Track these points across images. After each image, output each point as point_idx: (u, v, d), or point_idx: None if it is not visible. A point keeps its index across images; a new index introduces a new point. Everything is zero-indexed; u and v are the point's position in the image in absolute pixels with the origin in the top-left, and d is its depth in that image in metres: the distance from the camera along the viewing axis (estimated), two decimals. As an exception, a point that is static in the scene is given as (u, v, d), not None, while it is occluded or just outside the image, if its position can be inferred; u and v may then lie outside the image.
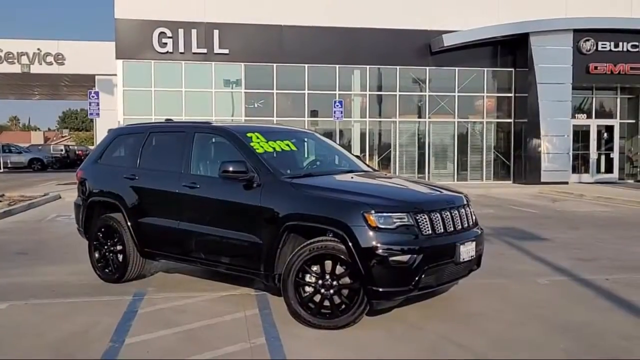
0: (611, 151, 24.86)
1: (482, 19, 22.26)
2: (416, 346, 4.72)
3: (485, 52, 23.19)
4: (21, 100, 49.05)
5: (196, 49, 21.58)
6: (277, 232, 5.35)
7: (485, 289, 6.51)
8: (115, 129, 7.83)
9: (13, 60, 26.00)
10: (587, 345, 4.77)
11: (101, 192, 7.02)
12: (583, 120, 24.47)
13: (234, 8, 21.67)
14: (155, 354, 4.53)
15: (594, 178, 24.28)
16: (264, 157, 5.81)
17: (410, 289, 4.96)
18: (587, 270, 7.46)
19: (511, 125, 24.03)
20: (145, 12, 21.37)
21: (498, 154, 24.34)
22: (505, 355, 4.55)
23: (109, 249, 6.81)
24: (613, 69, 22.75)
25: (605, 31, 22.57)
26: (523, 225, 11.65)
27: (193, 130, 6.41)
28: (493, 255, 8.27)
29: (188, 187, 6.07)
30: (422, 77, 23.31)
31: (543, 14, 22.30)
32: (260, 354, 4.51)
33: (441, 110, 23.63)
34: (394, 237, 4.92)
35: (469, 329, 5.14)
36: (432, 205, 5.27)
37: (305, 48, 22.11)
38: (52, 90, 36.74)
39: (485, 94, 23.82)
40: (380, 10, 22.15)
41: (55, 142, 72.21)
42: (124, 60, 21.53)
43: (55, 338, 4.90)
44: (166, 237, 6.33)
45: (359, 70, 23.01)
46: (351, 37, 22.19)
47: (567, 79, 22.48)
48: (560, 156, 22.77)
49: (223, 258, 5.90)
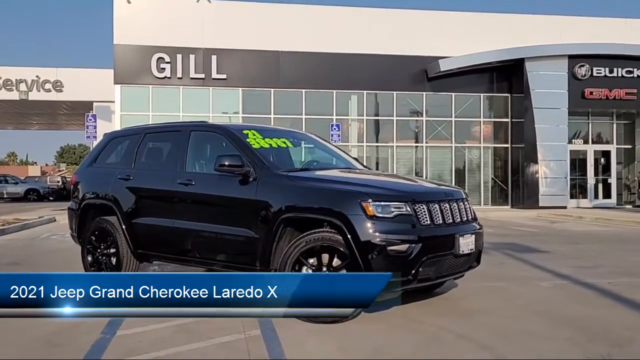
0: (609, 177, 24.86)
1: (478, 44, 22.46)
2: (417, 337, 4.59)
3: (482, 77, 23.36)
4: (19, 131, 49.08)
5: (194, 74, 21.71)
6: (273, 225, 5.24)
7: (485, 290, 6.39)
8: (110, 132, 7.78)
9: (11, 87, 26.08)
10: (591, 334, 4.65)
11: (95, 194, 6.92)
12: (580, 145, 24.53)
13: (231, 34, 21.87)
14: (148, 343, 4.39)
15: (592, 203, 24.20)
16: (260, 151, 5.75)
17: (409, 280, 4.83)
18: (588, 275, 7.34)
19: (508, 150, 24.07)
20: (143, 38, 21.54)
21: (495, 179, 24.32)
22: (508, 344, 4.42)
23: (102, 252, 6.68)
24: (608, 94, 22.89)
25: (600, 57, 22.77)
26: (523, 241, 11.54)
27: (189, 129, 6.36)
28: (493, 264, 8.18)
29: (183, 184, 5.98)
30: (419, 103, 23.42)
31: (538, 40, 22.53)
32: (255, 343, 4.38)
33: (438, 136, 23.68)
34: (392, 226, 4.82)
35: (470, 323, 5.01)
36: (430, 196, 5.19)
37: (303, 74, 22.26)
38: (50, 119, 36.83)
39: (482, 119, 23.90)
40: (377, 37, 22.37)
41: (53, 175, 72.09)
42: (122, 85, 21.61)
43: (46, 331, 4.76)
44: (160, 237, 6.21)
45: (356, 95, 23.13)
46: (348, 62, 22.35)
47: (563, 104, 22.59)
48: (558, 181, 22.75)
49: (218, 255, 5.78)
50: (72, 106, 28.71)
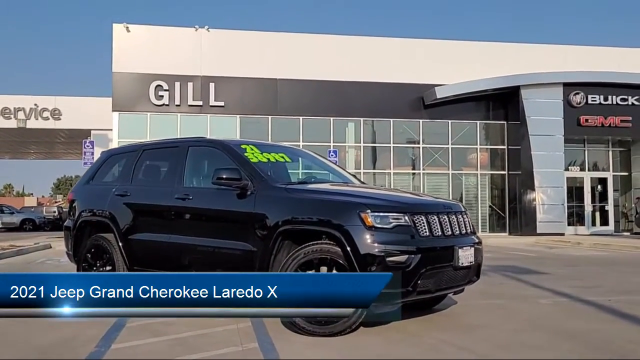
0: (606, 204, 24.87)
1: (474, 73, 22.64)
2: (416, 349, 4.52)
3: (478, 105, 23.53)
4: (16, 161, 49.05)
5: (192, 102, 21.82)
6: (271, 238, 5.19)
7: (485, 307, 6.34)
8: (107, 150, 7.77)
9: (10, 115, 26.11)
10: (593, 347, 4.59)
11: (91, 212, 6.86)
12: (576, 172, 24.57)
13: (229, 62, 22.06)
14: (143, 355, 4.32)
15: (590, 231, 24.16)
16: (258, 165, 5.74)
17: (408, 291, 4.77)
18: (588, 294, 7.28)
19: (505, 177, 24.12)
20: (142, 66, 21.70)
21: (493, 206, 24.31)
22: (509, 355, 4.36)
23: (97, 269, 6.60)
24: (604, 122, 23.01)
25: (595, 85, 22.94)
26: (521, 264, 11.48)
27: (187, 145, 6.35)
28: (493, 284, 8.14)
29: (180, 199, 5.95)
30: (416, 130, 23.52)
31: (533, 68, 22.75)
32: (252, 355, 4.31)
33: (435, 163, 23.73)
34: (390, 237, 4.78)
35: (471, 336, 4.94)
36: (429, 208, 5.17)
37: (300, 101, 22.40)
38: (47, 149, 36.85)
39: (478, 146, 24.00)
40: (374, 64, 22.59)
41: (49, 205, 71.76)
42: (120, 112, 21.69)
43: (42, 343, 4.69)
44: (157, 253, 6.15)
45: (353, 122, 23.24)
46: (345, 90, 22.52)
47: (558, 131, 22.71)
48: (555, 207, 22.74)
49: (216, 269, 5.69)
50: (69, 134, 28.74)
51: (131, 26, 22.00)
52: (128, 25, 21.92)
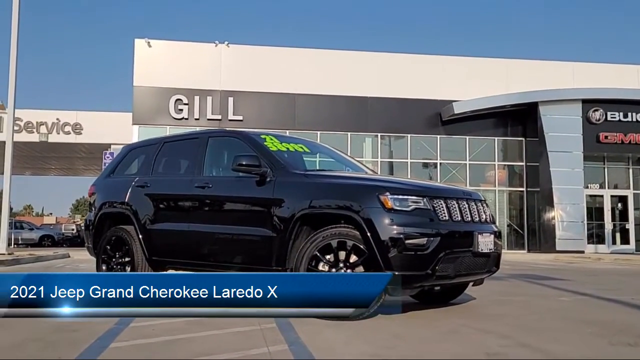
0: (626, 222, 24.54)
1: (492, 89, 22.68)
2: (434, 330, 4.47)
3: (496, 121, 23.48)
4: (36, 178, 49.60)
5: (211, 115, 22.04)
6: (289, 223, 5.19)
7: (505, 302, 6.27)
8: (128, 144, 7.85)
9: (32, 129, 26.52)
10: (615, 330, 4.51)
11: (111, 204, 6.93)
12: (596, 190, 24.32)
13: (248, 77, 22.31)
14: (161, 332, 4.31)
15: (610, 249, 23.80)
16: (277, 153, 5.77)
17: (427, 275, 4.73)
18: (610, 294, 7.18)
19: (523, 194, 23.94)
20: (162, 81, 22.02)
21: (511, 223, 24.11)
22: (530, 335, 4.29)
23: (116, 261, 6.64)
24: (624, 139, 22.83)
25: (614, 102, 22.83)
26: (541, 273, 11.34)
27: (207, 136, 6.42)
28: (512, 286, 8.06)
29: (200, 187, 5.99)
30: (433, 146, 23.49)
31: (552, 84, 22.70)
32: (272, 333, 4.29)
33: (453, 179, 23.61)
34: (409, 219, 4.76)
35: (492, 321, 4.88)
36: (448, 193, 5.16)
37: (318, 116, 22.52)
38: (68, 164, 37.25)
39: (496, 162, 23.89)
40: (392, 80, 22.71)
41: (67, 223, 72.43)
42: (140, 126, 21.95)
43: (48, 328, 4.69)
44: (176, 242, 6.17)
45: (370, 137, 23.30)
46: (362, 105, 22.63)
47: (577, 148, 22.56)
48: (575, 225, 22.49)
49: (234, 257, 5.70)
50: (89, 149, 29.07)
51: (152, 41, 22.38)
52: (150, 41, 22.28)
